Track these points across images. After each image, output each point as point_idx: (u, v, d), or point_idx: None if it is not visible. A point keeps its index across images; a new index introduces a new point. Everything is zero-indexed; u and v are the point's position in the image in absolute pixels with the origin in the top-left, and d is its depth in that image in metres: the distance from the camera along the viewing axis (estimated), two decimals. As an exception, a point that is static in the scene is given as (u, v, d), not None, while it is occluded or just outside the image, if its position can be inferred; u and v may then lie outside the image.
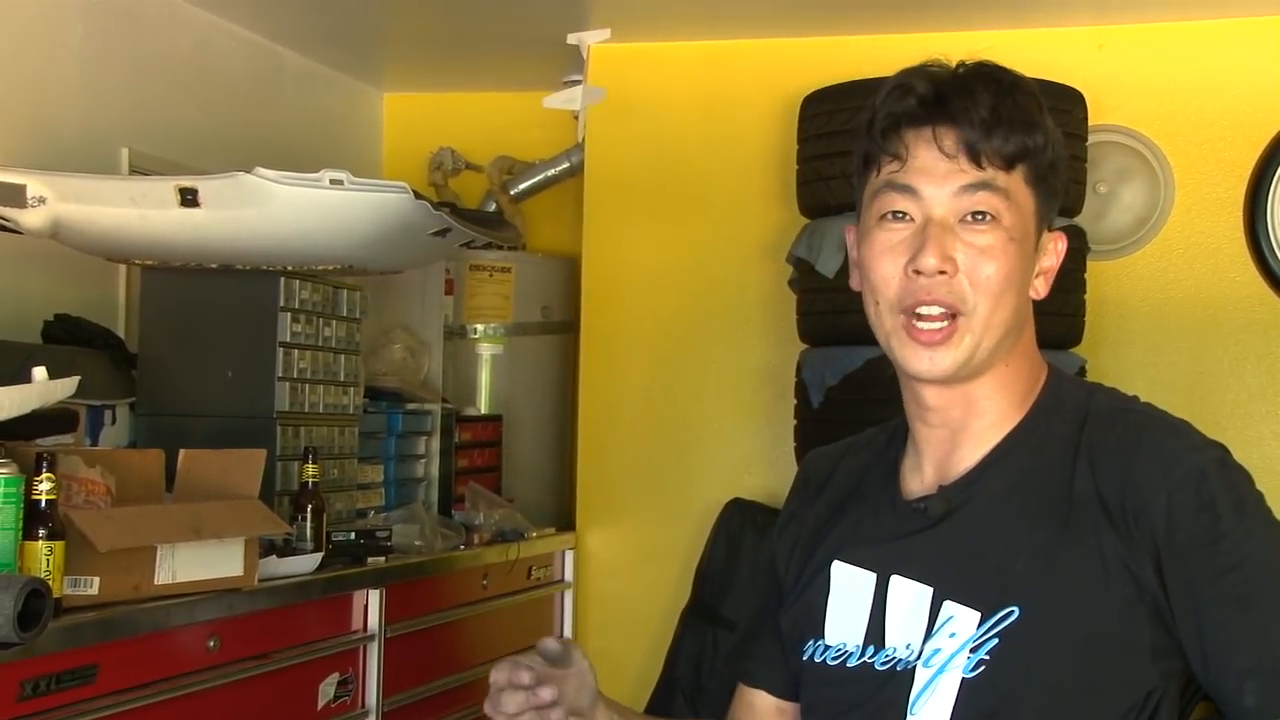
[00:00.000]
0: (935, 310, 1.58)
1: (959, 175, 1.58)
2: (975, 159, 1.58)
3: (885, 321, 1.62)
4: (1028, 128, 1.59)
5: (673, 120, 4.50)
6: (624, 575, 4.48)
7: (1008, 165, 1.58)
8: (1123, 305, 4.17)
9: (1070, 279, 3.80)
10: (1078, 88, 3.86)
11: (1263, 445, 4.07)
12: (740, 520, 4.20)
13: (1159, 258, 4.20)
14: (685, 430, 4.49)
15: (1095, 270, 3.97)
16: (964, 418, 1.65)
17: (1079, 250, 3.83)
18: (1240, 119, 4.12)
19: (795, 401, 3.97)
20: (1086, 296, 3.87)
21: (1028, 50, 4.13)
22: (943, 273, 1.57)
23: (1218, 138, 4.15)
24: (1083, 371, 3.77)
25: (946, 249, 1.57)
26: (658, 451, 4.50)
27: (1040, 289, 1.67)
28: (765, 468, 4.34)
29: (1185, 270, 4.18)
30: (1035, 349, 1.70)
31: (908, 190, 1.60)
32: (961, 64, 1.63)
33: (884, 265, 1.61)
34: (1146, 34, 4.19)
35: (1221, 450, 1.58)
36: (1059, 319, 3.74)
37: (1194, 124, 4.17)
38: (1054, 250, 1.67)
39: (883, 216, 1.61)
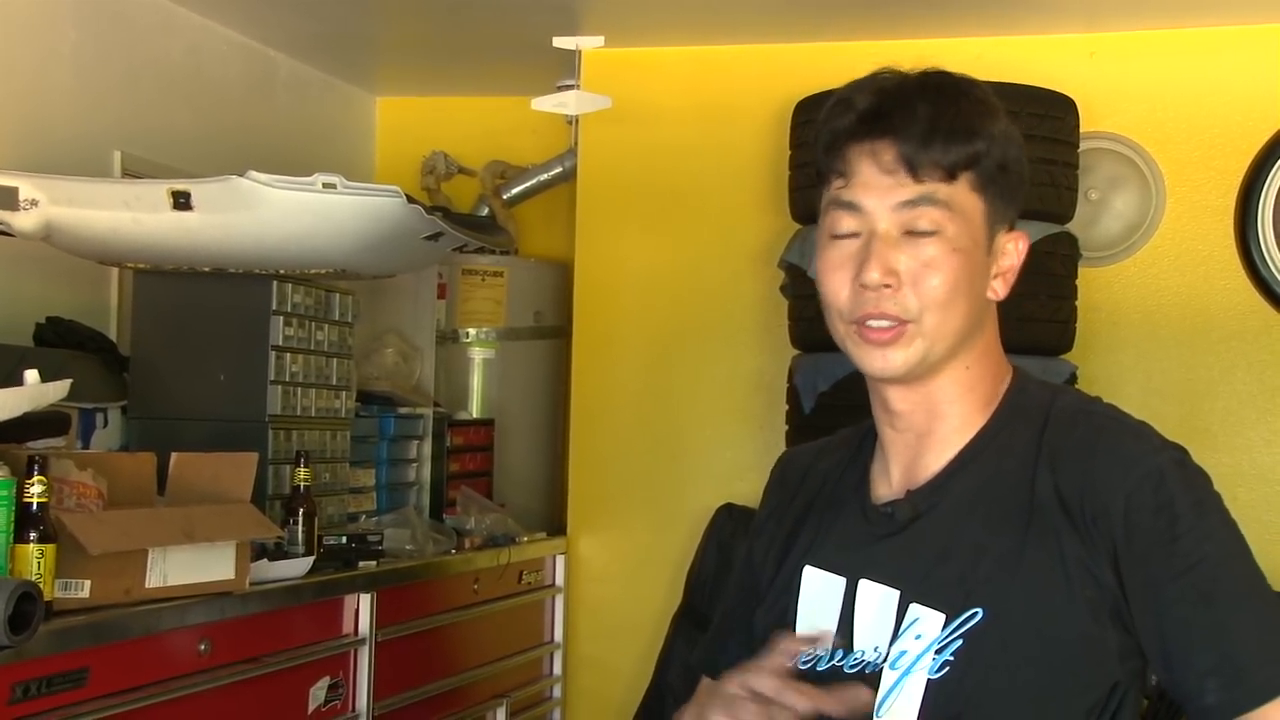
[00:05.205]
0: (883, 324, 1.60)
1: (898, 190, 1.59)
2: (913, 172, 1.58)
3: (839, 329, 1.65)
4: (968, 135, 1.59)
5: (665, 126, 4.50)
6: (615, 580, 4.49)
7: (949, 175, 1.59)
8: (1114, 312, 4.18)
9: (1062, 285, 3.81)
10: (1069, 95, 3.87)
11: (1253, 452, 4.08)
12: (732, 526, 4.21)
13: (1150, 264, 4.21)
14: (677, 435, 4.49)
15: (1087, 277, 3.98)
16: (928, 422, 1.67)
17: (1070, 257, 3.84)
18: (1231, 126, 4.13)
19: (787, 407, 3.97)
20: (1078, 303, 3.87)
21: (1020, 57, 4.15)
22: (887, 285, 1.59)
23: (1209, 145, 4.16)
24: (1074, 378, 3.77)
25: (889, 263, 1.58)
26: (649, 457, 4.50)
27: (999, 290, 1.66)
28: (757, 474, 4.29)
29: (1176, 277, 4.19)
30: (998, 351, 1.70)
31: (851, 207, 1.62)
32: (905, 74, 1.64)
33: (834, 280, 1.63)
34: (1138, 41, 4.21)
35: (1180, 451, 1.59)
36: (1051, 325, 3.75)
37: (1185, 131, 4.18)
38: (1014, 250, 1.66)
39: (833, 235, 1.64)
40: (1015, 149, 1.64)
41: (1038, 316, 3.70)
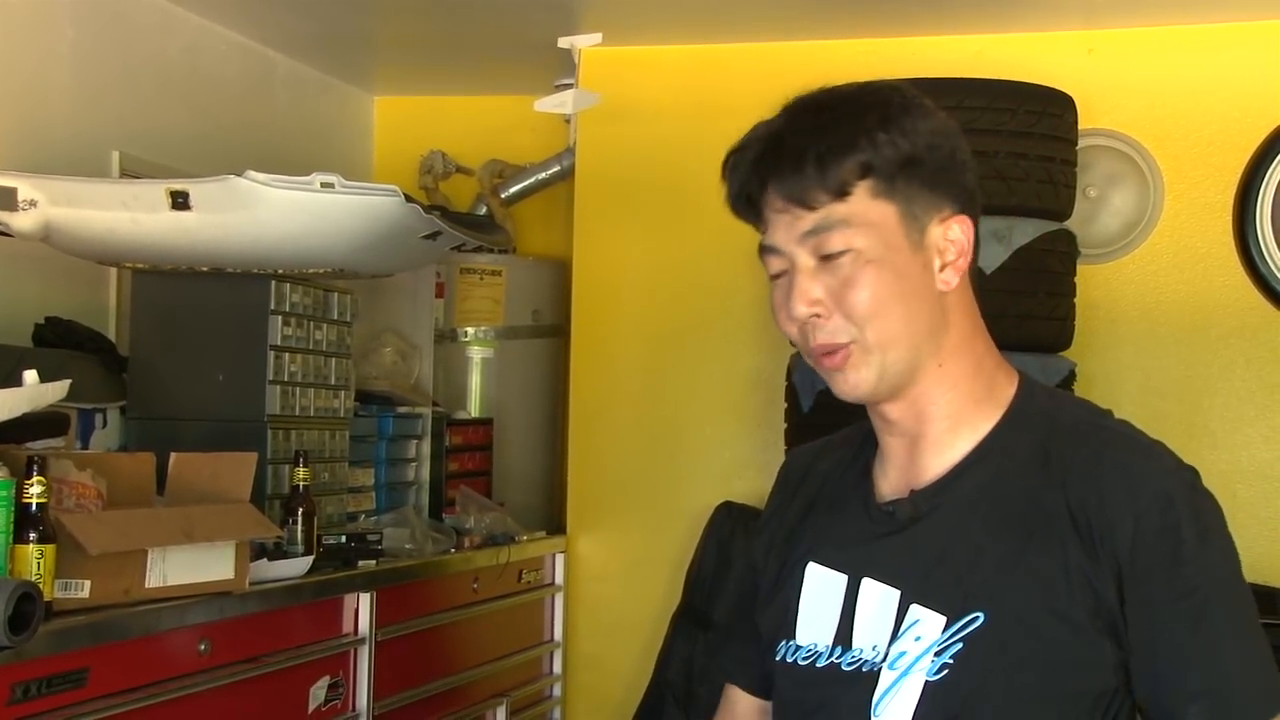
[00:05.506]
0: (831, 349, 1.62)
1: (798, 223, 1.61)
2: (804, 204, 1.60)
3: (808, 361, 1.68)
4: (845, 150, 1.59)
5: (664, 124, 4.50)
6: (615, 579, 4.49)
7: (838, 194, 1.59)
8: (1113, 309, 4.18)
9: (1060, 283, 3.81)
10: (1068, 91, 3.87)
11: (1252, 449, 4.08)
12: (731, 524, 4.21)
13: (1149, 262, 4.21)
14: (676, 434, 4.49)
15: (1085, 274, 3.98)
16: (919, 425, 1.67)
17: (1069, 254, 3.84)
18: (1230, 123, 4.13)
19: (786, 405, 3.97)
20: (1076, 300, 3.88)
21: (1018, 54, 4.15)
22: (816, 315, 1.61)
23: (1207, 142, 4.16)
24: (1073, 375, 3.78)
25: (809, 293, 1.61)
26: (648, 455, 4.50)
27: (950, 280, 1.63)
28: (756, 471, 4.34)
29: (1175, 274, 4.19)
30: (977, 343, 1.69)
31: (771, 250, 1.65)
32: (789, 106, 1.66)
33: (781, 319, 1.66)
34: (1136, 38, 4.21)
35: (1191, 475, 1.60)
36: (1049, 323, 3.75)
37: (1184, 128, 4.18)
38: (960, 236, 1.63)
39: (771, 278, 1.67)
40: (927, 139, 1.62)
41: (1036, 314, 3.70)
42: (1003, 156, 3.68)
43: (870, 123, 1.60)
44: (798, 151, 1.59)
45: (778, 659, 1.73)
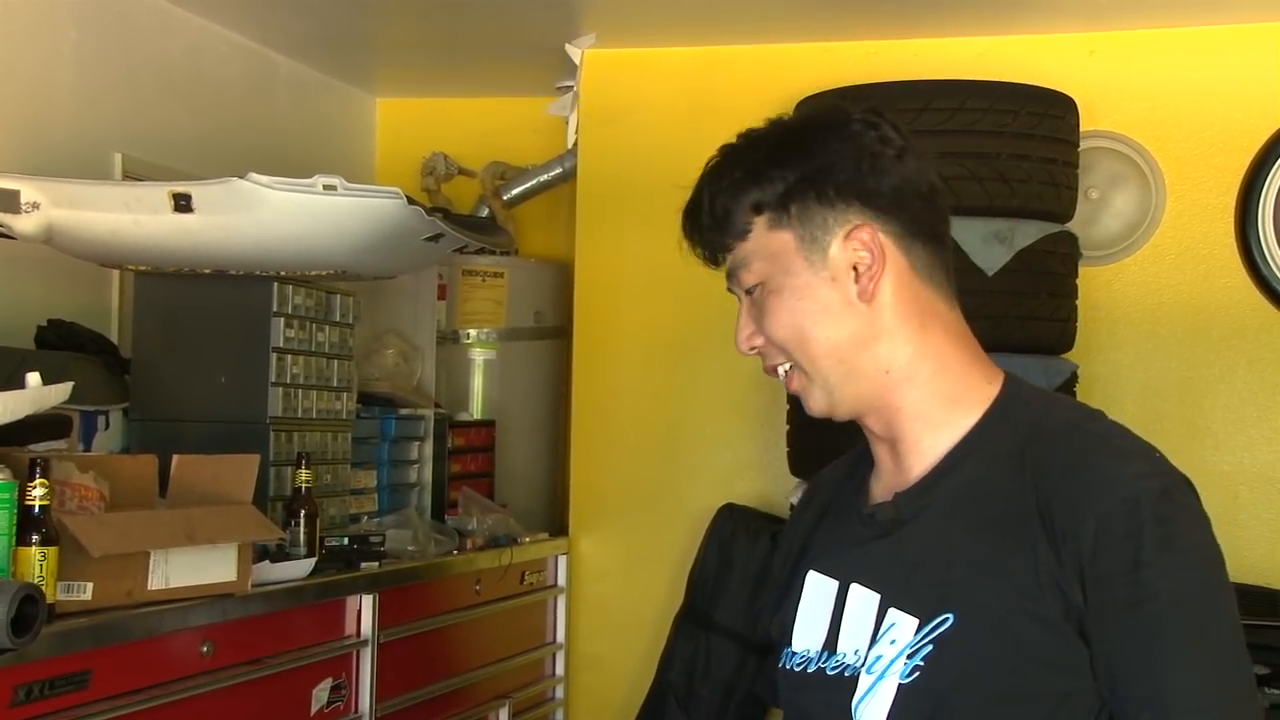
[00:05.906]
0: (780, 375, 1.71)
1: (725, 268, 1.75)
2: (720, 251, 1.73)
3: None
4: (736, 192, 1.69)
5: (665, 126, 4.50)
6: (617, 580, 4.49)
7: (741, 235, 1.69)
8: (1114, 310, 4.18)
9: (1062, 284, 3.81)
10: (1069, 93, 3.87)
11: (1254, 450, 4.08)
12: (732, 525, 4.21)
13: (1150, 263, 4.21)
14: (678, 435, 4.49)
15: (1087, 275, 3.98)
16: (891, 429, 1.70)
17: (1071, 255, 3.84)
18: (1231, 124, 4.13)
19: (788, 406, 3.97)
20: (1078, 302, 3.88)
21: (1020, 56, 4.15)
22: (755, 346, 1.72)
23: (1209, 143, 4.16)
24: (1075, 377, 3.78)
25: (743, 331, 1.73)
26: (650, 456, 4.50)
27: (868, 287, 1.64)
28: (757, 473, 4.34)
29: (1177, 275, 4.19)
30: (937, 341, 1.68)
31: (730, 291, 1.77)
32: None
33: None
34: (1138, 40, 4.21)
35: (1168, 481, 1.57)
36: (1051, 324, 3.75)
37: (1185, 130, 4.18)
38: (871, 239, 1.64)
39: None
40: (825, 158, 1.66)
41: (1038, 315, 3.71)
42: (1005, 158, 3.68)
43: (757, 160, 1.68)
44: (698, 207, 1.72)
45: (779, 666, 1.76)
